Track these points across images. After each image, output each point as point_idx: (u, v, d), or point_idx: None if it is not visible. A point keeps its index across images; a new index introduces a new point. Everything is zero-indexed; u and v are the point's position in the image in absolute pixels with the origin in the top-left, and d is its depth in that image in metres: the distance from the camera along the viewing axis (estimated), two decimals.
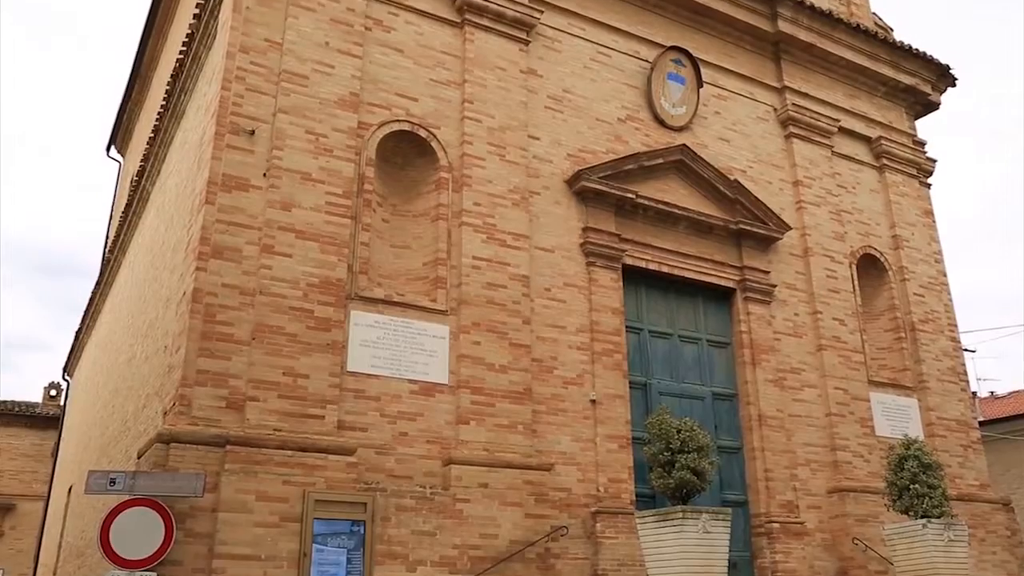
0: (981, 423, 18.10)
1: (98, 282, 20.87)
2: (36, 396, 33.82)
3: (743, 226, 13.50)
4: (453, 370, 10.43)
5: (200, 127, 11.08)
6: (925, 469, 10.74)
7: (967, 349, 18.48)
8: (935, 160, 17.03)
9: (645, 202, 12.64)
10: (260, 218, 9.74)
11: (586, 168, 12.28)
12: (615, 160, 12.66)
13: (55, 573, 20.18)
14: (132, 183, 17.86)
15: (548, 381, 11.13)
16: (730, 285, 13.44)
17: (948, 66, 17.00)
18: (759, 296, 13.51)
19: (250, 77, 10.25)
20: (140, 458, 9.09)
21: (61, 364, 27.10)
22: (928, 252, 16.13)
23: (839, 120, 15.73)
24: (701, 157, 13.50)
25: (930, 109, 17.36)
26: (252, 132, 10.00)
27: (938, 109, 17.39)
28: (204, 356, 8.97)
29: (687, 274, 13.04)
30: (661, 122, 13.61)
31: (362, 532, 8.94)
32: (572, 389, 11.29)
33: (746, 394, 13.01)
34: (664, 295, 13.05)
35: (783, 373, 13.33)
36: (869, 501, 12.81)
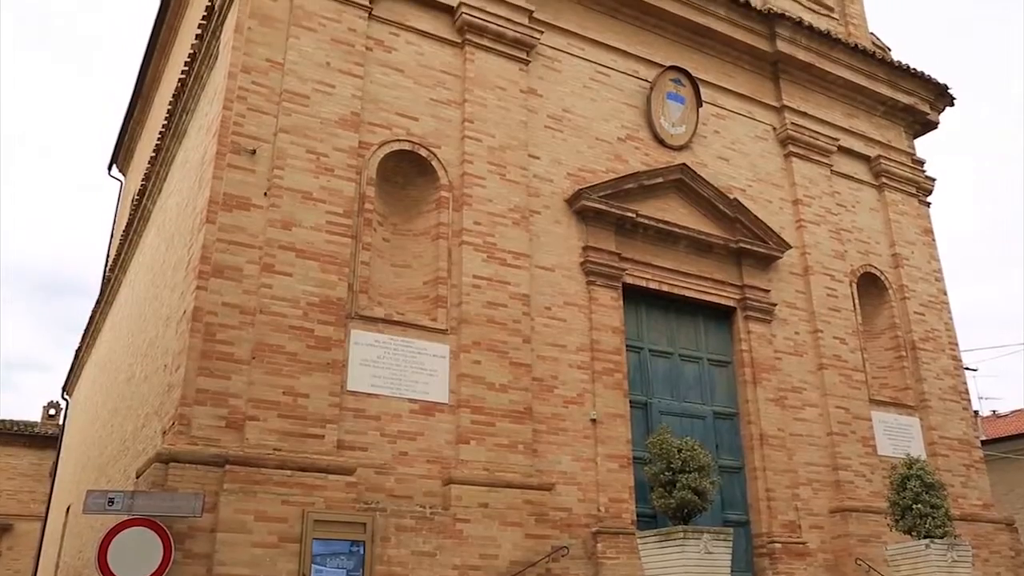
0: (983, 442, 18.02)
1: (98, 301, 20.87)
2: (35, 415, 33.77)
3: (743, 245, 13.51)
4: (453, 389, 10.41)
5: (201, 146, 11.12)
6: (928, 489, 10.70)
7: (968, 368, 18.45)
8: (934, 179, 17.08)
9: (645, 221, 12.66)
10: (261, 237, 9.75)
11: (586, 187, 12.31)
12: (615, 179, 12.69)
13: None
14: (133, 202, 17.91)
15: (548, 400, 11.11)
16: (730, 304, 13.44)
17: (946, 85, 17.09)
18: (759, 315, 13.50)
19: (251, 97, 10.31)
20: (139, 477, 9.05)
21: (60, 383, 27.08)
22: (928, 271, 16.14)
23: (838, 139, 15.79)
24: (701, 176, 13.54)
25: (929, 128, 17.44)
26: (253, 151, 10.04)
27: (937, 128, 17.47)
28: (204, 375, 8.95)
29: (687, 293, 13.04)
30: (661, 141, 13.66)
31: (361, 552, 8.88)
32: (572, 408, 11.26)
33: (747, 413, 12.97)
34: (664, 314, 13.04)
35: (784, 392, 13.30)
36: (872, 521, 12.73)
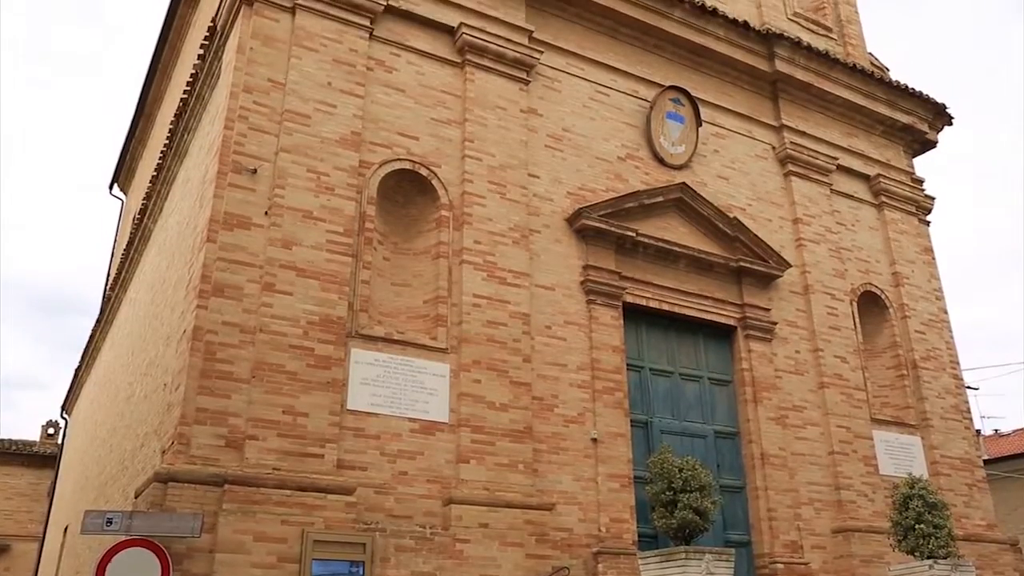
0: (986, 461, 17.95)
1: (98, 320, 20.87)
2: (33, 434, 33.63)
3: (743, 264, 13.52)
4: (453, 408, 10.38)
5: (203, 166, 11.16)
6: (930, 508, 10.64)
7: (970, 387, 18.43)
8: (933, 197, 17.11)
9: (645, 240, 12.67)
10: (261, 256, 9.76)
11: (586, 206, 12.33)
12: (615, 198, 12.72)
13: None
14: (134, 221, 17.95)
15: (549, 420, 11.07)
16: (731, 323, 13.43)
17: (944, 105, 17.17)
18: (760, 333, 13.49)
19: (253, 116, 10.35)
20: (137, 497, 9.00)
21: (59, 402, 27.02)
22: (928, 289, 16.14)
23: (837, 158, 15.83)
24: (701, 195, 13.57)
25: (928, 147, 17.50)
26: (254, 171, 10.07)
27: (935, 147, 17.53)
28: (204, 394, 8.93)
29: (688, 312, 13.03)
30: (660, 160, 13.70)
31: (361, 573, 8.81)
32: (573, 428, 11.22)
33: (748, 432, 12.92)
34: (665, 333, 13.03)
35: (785, 411, 13.26)
36: (874, 541, 12.65)
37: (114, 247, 26.27)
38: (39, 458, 30.46)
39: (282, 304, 9.62)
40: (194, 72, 12.47)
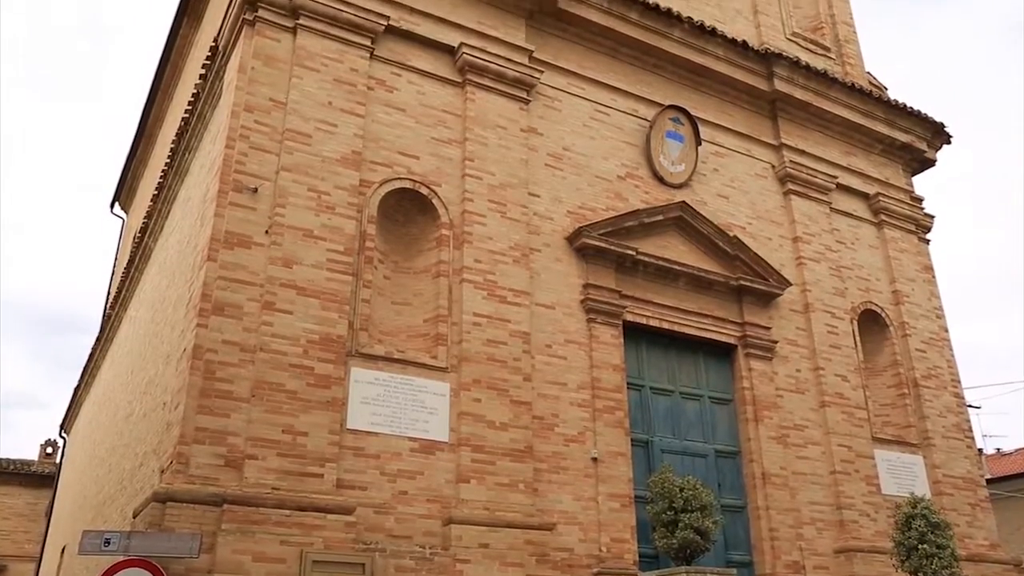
0: (988, 481, 17.89)
1: (98, 338, 20.86)
2: (32, 454, 33.49)
3: (743, 282, 13.53)
4: (453, 427, 10.34)
5: (204, 184, 11.19)
6: (933, 528, 10.59)
7: (972, 405, 18.32)
8: (933, 216, 17.14)
9: (645, 259, 12.68)
10: (261, 275, 9.76)
11: (586, 225, 12.35)
12: (615, 217, 12.75)
13: None
14: (135, 239, 17.97)
15: (549, 439, 11.03)
16: (731, 341, 13.41)
17: (943, 124, 17.23)
18: (760, 352, 13.47)
19: (254, 136, 10.39)
20: (136, 517, 8.97)
21: (57, 421, 26.94)
22: (929, 308, 16.13)
23: (836, 177, 15.88)
24: (700, 214, 13.60)
25: (927, 166, 17.56)
26: (255, 190, 10.09)
27: (934, 166, 17.59)
28: (203, 413, 8.91)
29: (688, 330, 13.02)
30: (660, 179, 13.74)
31: None
32: (573, 447, 11.18)
33: (749, 451, 12.87)
34: (665, 352, 13.01)
35: (786, 430, 13.22)
36: (877, 561, 12.57)
37: (115, 265, 26.29)
38: (37, 478, 30.34)
39: (282, 323, 9.62)
40: (196, 92, 12.54)
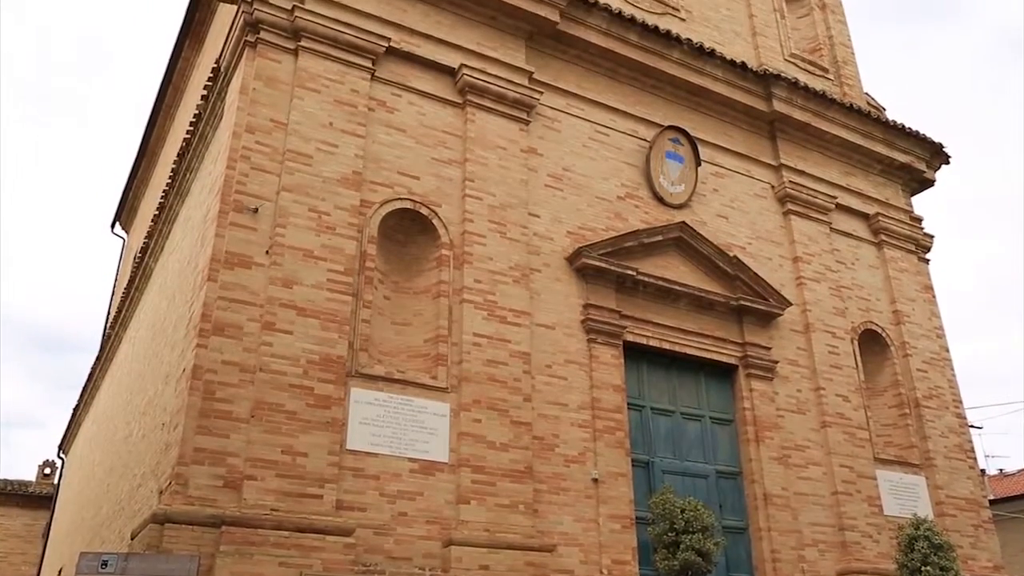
0: (991, 502, 17.79)
1: (98, 358, 20.82)
2: (30, 475, 33.31)
3: (744, 302, 13.52)
4: (453, 448, 10.30)
5: (204, 205, 11.22)
6: (936, 550, 10.54)
7: (974, 426, 18.28)
8: (932, 236, 17.17)
9: (645, 279, 12.69)
10: (262, 295, 9.76)
11: (586, 245, 12.37)
12: (615, 237, 12.77)
13: None
14: (135, 259, 18.00)
15: (549, 459, 10.98)
16: (732, 361, 13.38)
17: (941, 144, 17.29)
18: (761, 372, 13.44)
19: (255, 156, 10.43)
20: (134, 539, 8.91)
21: (56, 441, 26.84)
22: (929, 327, 16.12)
23: (836, 197, 15.91)
24: (700, 234, 13.62)
25: (926, 186, 17.60)
26: (255, 210, 10.12)
27: (933, 186, 17.63)
28: (202, 434, 8.88)
29: (688, 350, 13.00)
30: (660, 200, 13.77)
31: None
32: (574, 467, 11.12)
33: (750, 472, 12.81)
34: (666, 372, 12.99)
35: (787, 450, 13.16)
36: None
37: (115, 285, 26.31)
38: (35, 499, 30.12)
39: (282, 343, 9.60)
40: (197, 112, 12.60)
